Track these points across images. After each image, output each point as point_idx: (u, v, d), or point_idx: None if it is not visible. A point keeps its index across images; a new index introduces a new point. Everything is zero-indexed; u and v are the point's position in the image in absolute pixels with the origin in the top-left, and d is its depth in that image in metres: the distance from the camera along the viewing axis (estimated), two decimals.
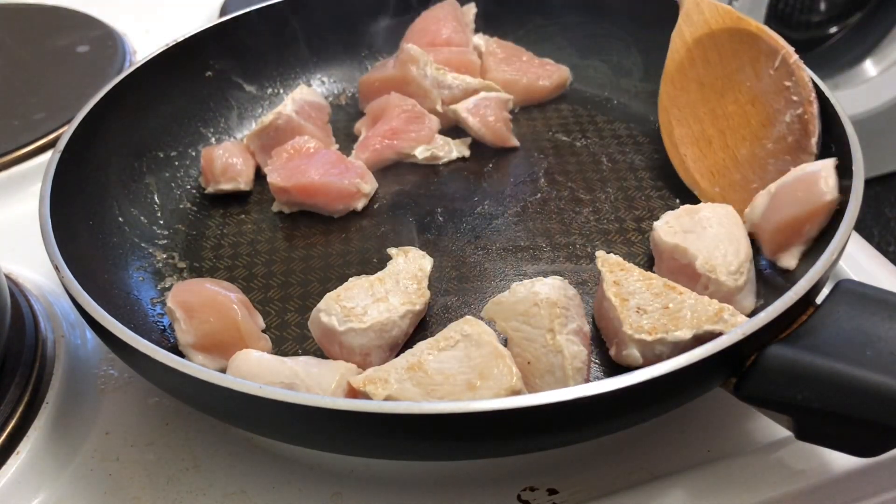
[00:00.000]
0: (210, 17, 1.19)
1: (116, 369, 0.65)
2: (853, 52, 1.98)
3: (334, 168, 0.76)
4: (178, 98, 0.84)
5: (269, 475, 0.56)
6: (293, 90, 0.86)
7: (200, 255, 0.74)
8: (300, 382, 0.53)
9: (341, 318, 0.58)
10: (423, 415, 0.43)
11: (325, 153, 0.78)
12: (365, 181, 0.77)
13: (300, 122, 0.81)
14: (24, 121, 0.94)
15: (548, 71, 0.91)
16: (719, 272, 0.58)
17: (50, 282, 0.74)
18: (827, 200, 0.58)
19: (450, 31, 0.92)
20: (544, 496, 0.54)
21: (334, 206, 0.76)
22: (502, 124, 0.83)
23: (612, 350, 0.58)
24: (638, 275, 0.58)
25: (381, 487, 0.55)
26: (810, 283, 0.49)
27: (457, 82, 0.86)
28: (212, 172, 0.79)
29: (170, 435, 0.59)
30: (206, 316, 0.60)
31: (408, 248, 0.68)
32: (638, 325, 0.54)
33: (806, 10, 1.98)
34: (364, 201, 0.77)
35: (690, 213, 0.64)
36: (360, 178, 0.77)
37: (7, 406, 0.59)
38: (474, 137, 0.84)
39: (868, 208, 2.12)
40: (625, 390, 0.43)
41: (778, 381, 0.46)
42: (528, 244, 0.72)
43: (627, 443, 0.56)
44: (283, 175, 0.76)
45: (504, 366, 0.51)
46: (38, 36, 1.14)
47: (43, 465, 0.57)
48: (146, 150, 0.80)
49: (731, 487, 0.53)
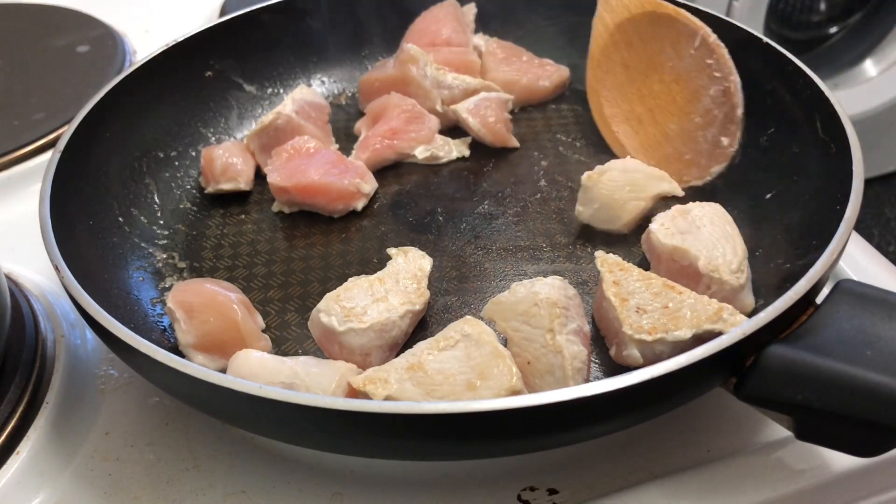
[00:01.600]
0: (210, 17, 1.19)
1: (116, 369, 0.65)
2: (853, 52, 1.98)
3: (334, 168, 0.76)
4: (178, 98, 0.84)
5: (269, 475, 0.56)
6: (293, 90, 0.86)
7: (200, 255, 0.74)
8: (300, 382, 0.53)
9: (341, 319, 0.58)
10: (423, 415, 0.43)
11: (325, 153, 0.78)
12: (365, 181, 0.77)
13: (300, 122, 0.81)
14: (24, 121, 0.94)
15: (548, 71, 0.91)
16: (722, 272, 0.58)
17: (50, 282, 0.74)
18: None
19: (450, 31, 0.92)
20: (544, 496, 0.54)
21: (334, 206, 0.76)
22: (502, 125, 0.83)
23: (612, 350, 0.58)
24: (637, 275, 0.58)
25: (381, 487, 0.55)
26: (810, 283, 0.49)
27: (457, 82, 0.86)
28: (212, 172, 0.79)
29: (170, 435, 0.59)
30: (206, 316, 0.60)
31: (407, 248, 0.68)
32: (638, 325, 0.54)
33: (806, 10, 1.98)
34: (364, 201, 0.77)
35: (683, 214, 0.64)
36: (360, 178, 0.77)
37: (7, 406, 0.59)
38: (474, 138, 0.84)
39: (868, 208, 2.12)
40: (625, 390, 0.43)
41: (778, 381, 0.46)
42: (528, 244, 0.72)
43: (627, 443, 0.56)
44: (283, 175, 0.76)
45: (504, 366, 0.51)
46: (38, 36, 1.13)
47: (43, 465, 0.57)
48: (146, 150, 0.80)
49: (731, 487, 0.53)
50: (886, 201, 2.16)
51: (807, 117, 0.69)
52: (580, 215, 0.72)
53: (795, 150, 0.70)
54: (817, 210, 0.64)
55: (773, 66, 0.74)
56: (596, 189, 0.70)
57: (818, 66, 1.11)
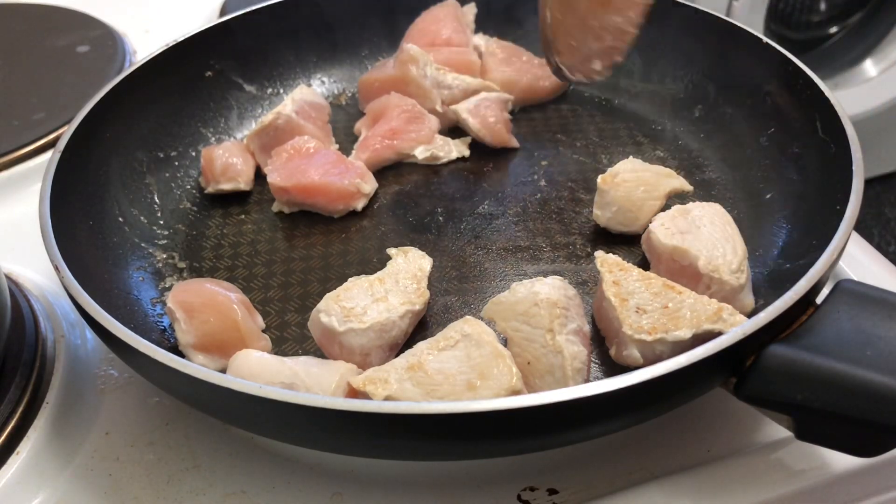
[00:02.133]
0: (210, 17, 1.19)
1: (116, 369, 0.65)
2: (853, 52, 1.98)
3: (334, 168, 0.76)
4: (179, 98, 0.84)
5: (269, 475, 0.56)
6: (293, 90, 0.86)
7: (200, 255, 0.74)
8: (300, 382, 0.53)
9: (341, 319, 0.58)
10: (423, 415, 0.43)
11: (325, 153, 0.78)
12: (365, 181, 0.77)
13: (300, 122, 0.81)
14: (24, 121, 0.94)
15: (548, 71, 0.90)
16: (722, 272, 0.58)
17: (50, 282, 0.74)
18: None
19: (450, 32, 0.92)
20: (544, 496, 0.54)
21: (334, 206, 0.76)
22: (502, 125, 0.83)
23: (612, 350, 0.58)
24: (637, 275, 0.58)
25: (381, 487, 0.55)
26: (810, 283, 0.50)
27: (457, 82, 0.86)
28: (212, 172, 0.79)
29: (170, 435, 0.59)
30: (206, 316, 0.60)
31: (407, 248, 0.68)
32: (638, 325, 0.54)
33: (806, 10, 1.98)
34: (364, 201, 0.77)
35: (683, 214, 0.64)
36: (360, 178, 0.77)
37: (7, 406, 0.59)
38: (474, 138, 0.84)
39: (868, 208, 2.12)
40: (625, 390, 0.43)
41: (778, 381, 0.46)
42: (528, 244, 0.72)
43: (627, 443, 0.56)
44: (283, 175, 0.76)
45: (504, 366, 0.51)
46: (38, 36, 1.13)
47: (43, 465, 0.57)
48: (146, 151, 0.80)
49: (731, 487, 0.53)
50: (886, 201, 2.16)
51: (807, 117, 0.69)
52: (598, 219, 0.71)
53: (795, 150, 0.71)
54: (817, 210, 0.64)
55: (773, 66, 0.74)
56: (612, 192, 0.69)
57: (818, 66, 1.11)
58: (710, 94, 0.83)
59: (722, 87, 0.82)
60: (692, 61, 0.84)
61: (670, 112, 0.85)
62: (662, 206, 0.70)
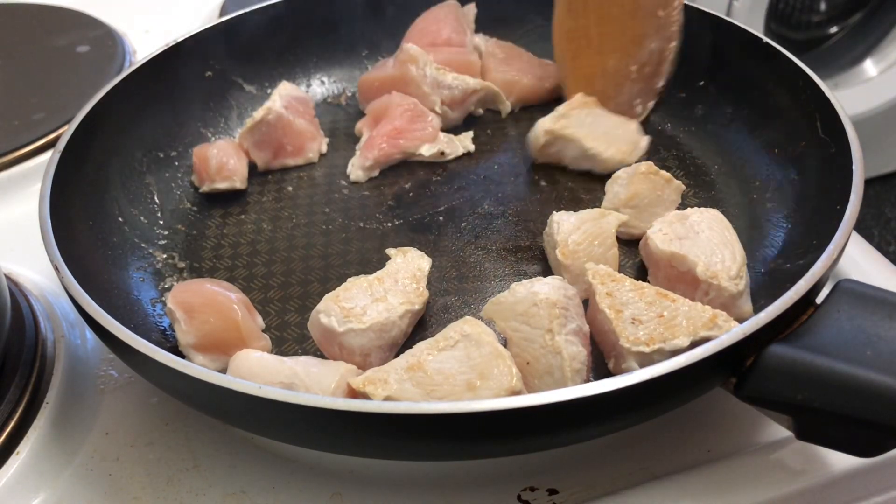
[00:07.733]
0: (210, 17, 1.19)
1: (116, 369, 0.65)
2: (853, 52, 1.98)
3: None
4: (178, 98, 0.84)
5: (269, 475, 0.56)
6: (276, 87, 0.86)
7: (200, 255, 0.74)
8: (300, 382, 0.53)
9: (341, 319, 0.58)
10: (423, 415, 0.43)
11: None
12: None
13: (290, 117, 0.82)
14: (24, 121, 0.94)
15: (548, 71, 0.91)
16: (721, 278, 0.58)
17: (50, 282, 0.74)
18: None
19: (450, 32, 0.91)
20: (544, 496, 0.54)
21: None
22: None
23: (610, 363, 0.57)
24: (630, 285, 0.58)
25: (381, 487, 0.55)
26: (810, 282, 0.49)
27: (457, 82, 0.86)
28: (206, 171, 0.79)
29: (170, 435, 0.59)
30: (207, 316, 0.60)
31: (406, 248, 0.68)
32: (635, 336, 0.53)
33: (806, 10, 1.98)
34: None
35: (681, 220, 0.64)
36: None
37: (7, 406, 0.59)
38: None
39: (868, 208, 2.12)
40: (625, 390, 0.43)
41: (778, 381, 0.46)
42: (528, 244, 0.72)
43: (627, 443, 0.56)
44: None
45: (504, 366, 0.51)
46: (38, 36, 1.14)
47: (43, 465, 0.57)
48: (146, 151, 0.80)
49: (731, 487, 0.53)
50: (886, 201, 2.16)
51: (807, 117, 0.69)
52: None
53: (796, 150, 0.71)
54: (817, 210, 0.64)
55: (773, 66, 0.74)
56: (574, 263, 0.64)
57: (818, 66, 1.11)
58: (711, 94, 0.83)
59: (722, 87, 0.82)
60: (692, 61, 0.84)
61: (670, 112, 0.85)
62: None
